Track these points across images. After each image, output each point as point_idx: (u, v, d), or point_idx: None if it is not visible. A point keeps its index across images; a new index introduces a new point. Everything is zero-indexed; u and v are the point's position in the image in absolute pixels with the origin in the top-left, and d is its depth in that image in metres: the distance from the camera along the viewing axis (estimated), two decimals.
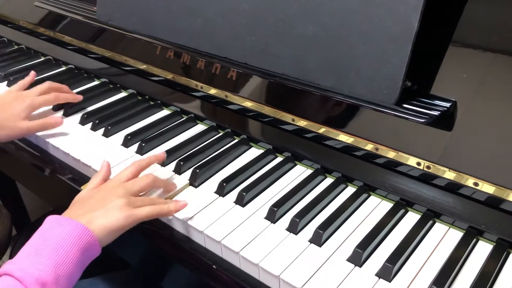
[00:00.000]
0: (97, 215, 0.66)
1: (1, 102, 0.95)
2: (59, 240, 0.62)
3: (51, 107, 1.03)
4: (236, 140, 0.91)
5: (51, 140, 0.93)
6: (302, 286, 0.61)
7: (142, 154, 0.88)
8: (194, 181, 0.80)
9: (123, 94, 1.11)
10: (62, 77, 1.19)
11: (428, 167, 0.69)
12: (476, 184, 0.65)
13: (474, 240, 0.67)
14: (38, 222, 1.27)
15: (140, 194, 0.74)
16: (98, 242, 0.65)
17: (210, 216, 0.73)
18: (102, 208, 0.67)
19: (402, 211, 0.72)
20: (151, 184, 0.74)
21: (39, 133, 0.95)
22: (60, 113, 1.03)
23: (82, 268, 0.65)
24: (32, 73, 1.06)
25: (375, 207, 0.74)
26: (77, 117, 1.01)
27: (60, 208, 1.09)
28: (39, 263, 0.59)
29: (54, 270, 0.59)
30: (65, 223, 0.64)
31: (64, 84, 1.07)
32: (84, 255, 0.63)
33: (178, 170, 0.83)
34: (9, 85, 1.17)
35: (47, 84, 1.00)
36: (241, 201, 0.75)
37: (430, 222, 0.70)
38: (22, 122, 0.92)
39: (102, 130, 0.96)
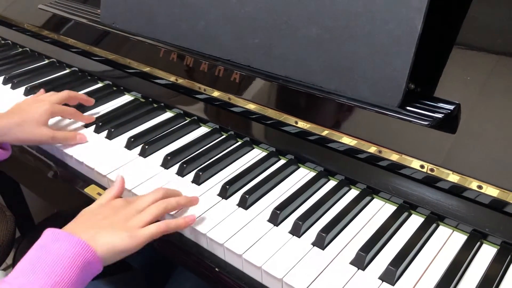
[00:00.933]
0: (102, 233, 0.63)
1: (21, 105, 0.93)
2: (57, 258, 0.59)
3: None
4: (239, 143, 0.91)
5: None
6: None
7: (145, 157, 0.88)
8: (197, 183, 0.80)
9: (126, 96, 1.11)
10: (66, 79, 1.19)
11: (432, 170, 0.69)
12: (480, 187, 0.65)
13: (478, 243, 0.67)
14: (42, 225, 1.28)
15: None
16: (99, 259, 0.62)
17: (213, 218, 0.73)
18: (109, 226, 0.65)
19: (405, 214, 0.72)
20: (163, 212, 0.70)
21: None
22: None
23: (82, 286, 0.62)
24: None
25: (378, 210, 0.74)
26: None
27: (64, 210, 1.09)
28: (36, 283, 0.56)
29: None
30: (64, 239, 0.61)
31: (68, 86, 1.08)
32: (83, 273, 0.60)
33: (181, 173, 0.83)
34: (13, 87, 1.17)
35: (66, 92, 0.98)
36: (244, 203, 0.75)
37: (434, 225, 0.70)
38: (44, 128, 0.90)
39: (105, 133, 0.96)
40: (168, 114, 1.03)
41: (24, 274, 0.58)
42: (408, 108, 0.70)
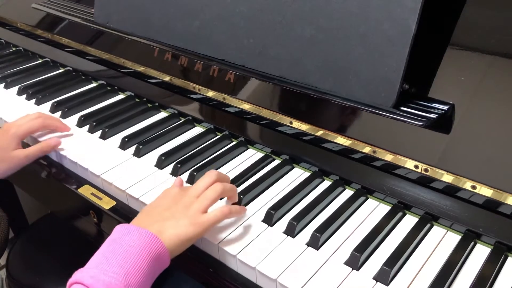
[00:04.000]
0: (166, 226, 0.64)
1: None
2: (129, 249, 0.60)
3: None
4: (233, 143, 0.91)
5: None
6: None
7: (139, 157, 0.88)
8: (191, 184, 0.80)
9: (120, 96, 1.11)
10: (60, 79, 1.19)
11: (426, 170, 0.69)
12: (474, 187, 0.65)
13: (472, 243, 0.67)
14: (36, 225, 1.27)
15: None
16: (168, 253, 0.62)
17: None
18: (171, 218, 0.65)
19: (399, 214, 0.72)
20: (220, 195, 0.70)
21: (37, 136, 0.95)
22: (58, 114, 1.03)
23: (152, 280, 0.62)
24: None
25: (372, 210, 0.74)
26: (75, 119, 1.01)
27: (57, 211, 1.09)
28: (109, 271, 0.57)
29: (125, 278, 0.57)
30: (135, 231, 0.62)
31: (62, 85, 1.07)
32: (154, 265, 0.61)
33: (176, 173, 0.83)
34: (6, 87, 1.16)
35: (36, 114, 0.94)
36: (239, 204, 0.75)
37: (428, 225, 0.70)
38: (15, 152, 0.87)
39: (99, 133, 0.95)
40: (162, 114, 1.03)
41: (97, 265, 0.59)
42: (402, 108, 0.70)
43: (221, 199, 0.74)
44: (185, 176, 0.82)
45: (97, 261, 0.60)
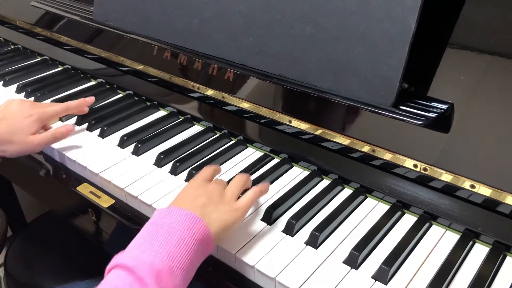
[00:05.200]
0: (208, 210, 0.62)
1: (10, 114, 0.87)
2: (172, 230, 0.57)
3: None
4: (232, 141, 0.91)
5: None
6: None
7: (138, 155, 0.88)
8: None
9: (119, 94, 1.11)
10: (59, 77, 1.19)
11: (425, 169, 0.69)
12: (472, 186, 0.65)
13: (471, 242, 0.67)
14: (34, 223, 1.27)
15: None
16: (212, 237, 0.60)
17: None
18: (210, 203, 0.63)
19: (398, 213, 0.72)
20: (246, 183, 0.72)
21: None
22: None
23: (197, 265, 0.59)
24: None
25: (371, 209, 0.74)
26: (73, 117, 1.01)
27: (56, 209, 1.08)
28: (153, 251, 0.54)
29: (168, 259, 0.54)
30: (176, 212, 0.59)
31: (60, 83, 1.07)
32: (198, 249, 0.58)
33: (174, 171, 0.83)
34: (5, 85, 1.16)
35: (64, 105, 0.94)
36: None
37: (427, 224, 0.70)
38: (32, 137, 0.86)
39: (98, 131, 0.95)
40: (161, 113, 1.02)
41: (138, 247, 0.56)
42: (401, 107, 0.70)
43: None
44: (184, 175, 0.82)
45: (137, 243, 0.56)
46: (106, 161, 0.86)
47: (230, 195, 0.67)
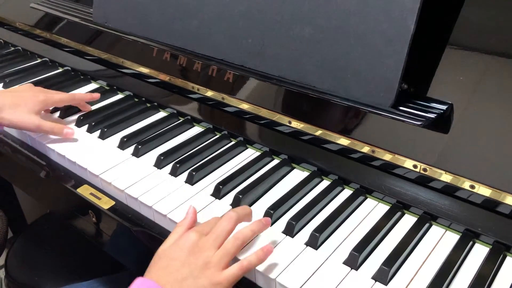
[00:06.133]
0: (188, 284, 0.59)
1: (19, 92, 0.96)
2: None
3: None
4: (232, 142, 0.91)
5: (47, 142, 0.93)
6: None
7: (138, 157, 0.88)
8: (191, 184, 0.80)
9: (119, 96, 1.11)
10: (59, 79, 1.19)
11: (425, 170, 0.69)
12: (472, 186, 0.65)
13: (471, 243, 0.67)
14: (34, 224, 1.27)
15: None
16: None
17: (208, 218, 0.72)
18: (190, 277, 0.60)
19: (398, 213, 0.72)
20: (241, 248, 0.65)
21: (34, 135, 0.95)
22: (56, 115, 1.03)
23: None
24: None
25: (371, 210, 0.74)
26: (73, 119, 1.01)
27: (56, 211, 1.09)
28: None
29: None
30: None
31: (60, 85, 1.07)
32: None
33: (175, 173, 0.83)
34: (5, 86, 1.16)
35: (70, 95, 1.02)
36: (237, 203, 0.75)
37: (427, 225, 0.70)
38: (33, 115, 0.92)
39: (98, 132, 0.95)
40: (161, 114, 1.02)
41: None
42: (401, 108, 0.71)
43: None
44: (184, 176, 0.82)
45: None
46: (106, 162, 0.86)
47: (216, 267, 0.61)
